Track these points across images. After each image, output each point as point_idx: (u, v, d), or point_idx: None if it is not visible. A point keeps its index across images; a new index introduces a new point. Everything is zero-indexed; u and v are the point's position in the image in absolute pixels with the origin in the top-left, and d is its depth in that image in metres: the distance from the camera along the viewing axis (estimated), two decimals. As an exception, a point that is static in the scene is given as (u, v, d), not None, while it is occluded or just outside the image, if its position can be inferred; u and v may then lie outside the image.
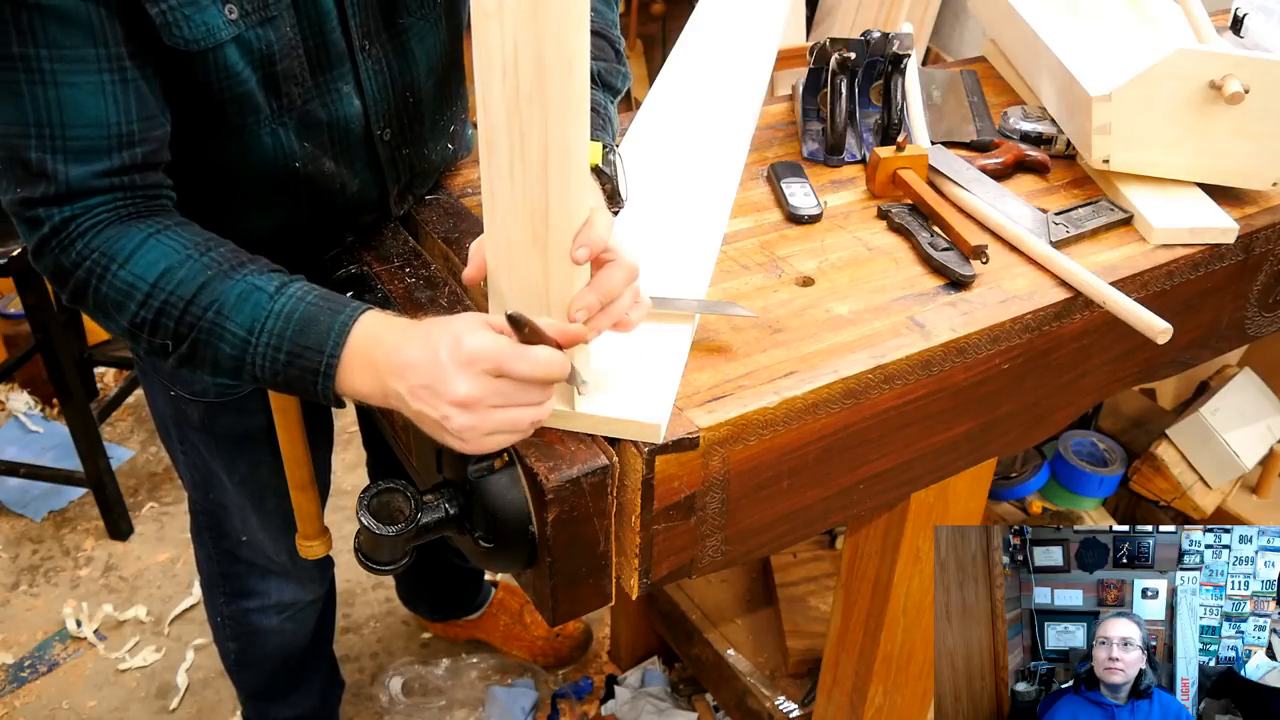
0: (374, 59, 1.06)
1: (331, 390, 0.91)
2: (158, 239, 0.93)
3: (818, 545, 1.91)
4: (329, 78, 1.04)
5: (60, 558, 2.36)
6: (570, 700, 2.04)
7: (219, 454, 1.37)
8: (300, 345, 0.90)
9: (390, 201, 1.18)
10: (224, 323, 0.91)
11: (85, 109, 0.89)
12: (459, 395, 0.81)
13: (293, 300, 0.91)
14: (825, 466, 1.03)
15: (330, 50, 1.03)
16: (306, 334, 0.90)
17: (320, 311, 0.90)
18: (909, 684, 1.41)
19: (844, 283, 1.11)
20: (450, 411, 0.82)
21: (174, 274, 0.91)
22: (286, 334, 0.90)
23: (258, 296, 0.91)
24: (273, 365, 0.91)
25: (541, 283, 0.85)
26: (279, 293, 0.91)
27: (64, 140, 0.89)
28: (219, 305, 0.91)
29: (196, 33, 0.92)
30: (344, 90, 1.06)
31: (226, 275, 0.92)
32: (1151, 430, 1.92)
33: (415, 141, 1.16)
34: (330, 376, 0.90)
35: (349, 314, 0.90)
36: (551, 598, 0.93)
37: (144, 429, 2.71)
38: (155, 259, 0.91)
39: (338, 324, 0.89)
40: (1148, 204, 1.22)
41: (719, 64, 1.41)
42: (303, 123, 1.04)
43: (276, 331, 0.90)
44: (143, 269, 0.91)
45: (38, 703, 2.04)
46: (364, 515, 0.88)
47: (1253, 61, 1.16)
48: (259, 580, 1.56)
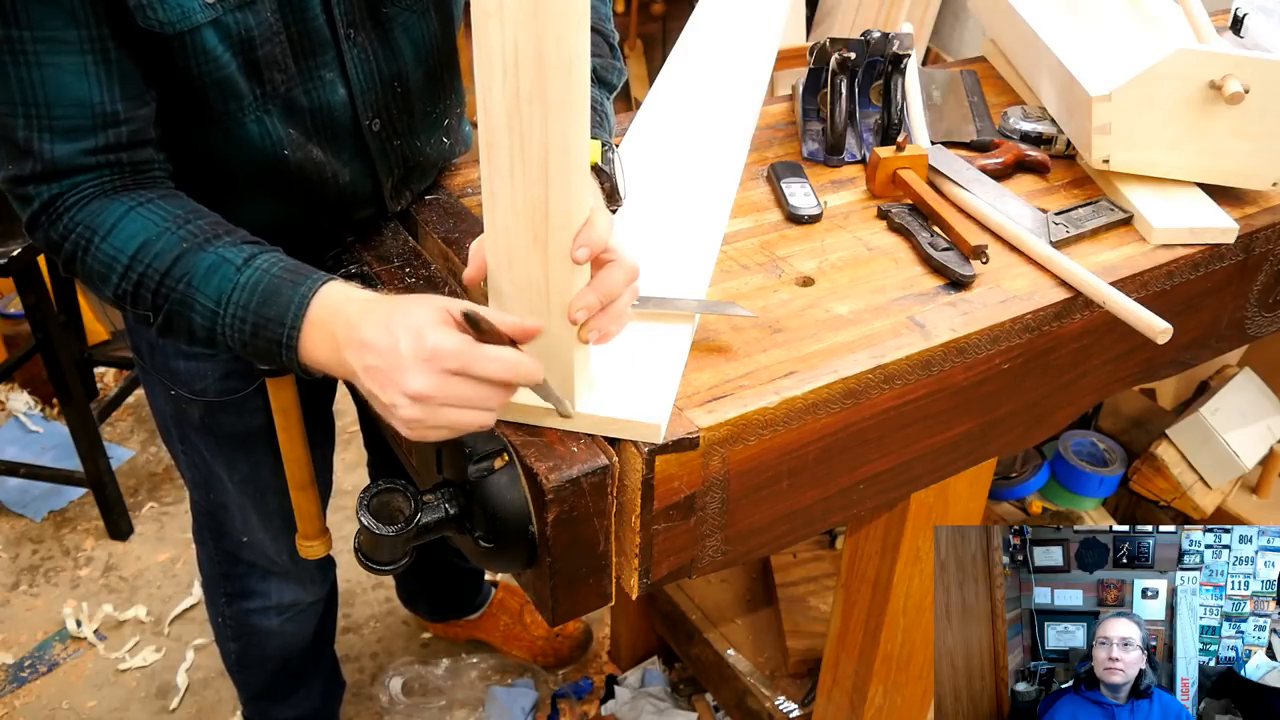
0: (359, 47, 1.06)
1: (296, 361, 0.92)
2: (139, 212, 0.95)
3: (818, 545, 1.91)
4: (312, 64, 1.04)
5: (60, 558, 2.36)
6: (570, 700, 2.04)
7: (219, 453, 1.37)
8: (263, 317, 0.91)
9: (385, 195, 1.18)
10: (195, 295, 0.93)
11: (68, 89, 0.91)
12: (412, 389, 0.81)
13: (258, 273, 0.93)
14: (825, 466, 1.03)
15: (313, 37, 1.03)
16: (269, 306, 0.91)
17: (283, 284, 0.92)
18: (909, 684, 1.41)
19: (844, 283, 1.11)
20: (401, 401, 0.82)
21: (152, 246, 0.94)
22: (251, 306, 0.92)
23: (225, 269, 0.93)
24: (240, 336, 0.93)
25: (542, 282, 0.85)
26: (246, 265, 0.93)
27: (49, 120, 0.91)
28: (190, 277, 0.93)
29: (171, 15, 0.93)
30: (328, 78, 1.05)
31: (200, 248, 0.94)
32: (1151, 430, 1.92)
33: (406, 133, 1.16)
34: (292, 348, 0.91)
35: (309, 286, 0.91)
36: (551, 598, 0.93)
37: (144, 429, 2.71)
38: (135, 232, 0.94)
39: (298, 296, 0.91)
40: (1148, 204, 1.22)
41: (719, 64, 1.41)
42: (287, 110, 1.05)
43: (242, 304, 0.92)
44: (123, 241, 0.94)
45: (38, 703, 2.04)
46: (364, 515, 0.88)
47: (1253, 61, 1.16)
48: (259, 581, 1.56)
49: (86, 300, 2.73)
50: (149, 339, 1.29)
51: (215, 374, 1.28)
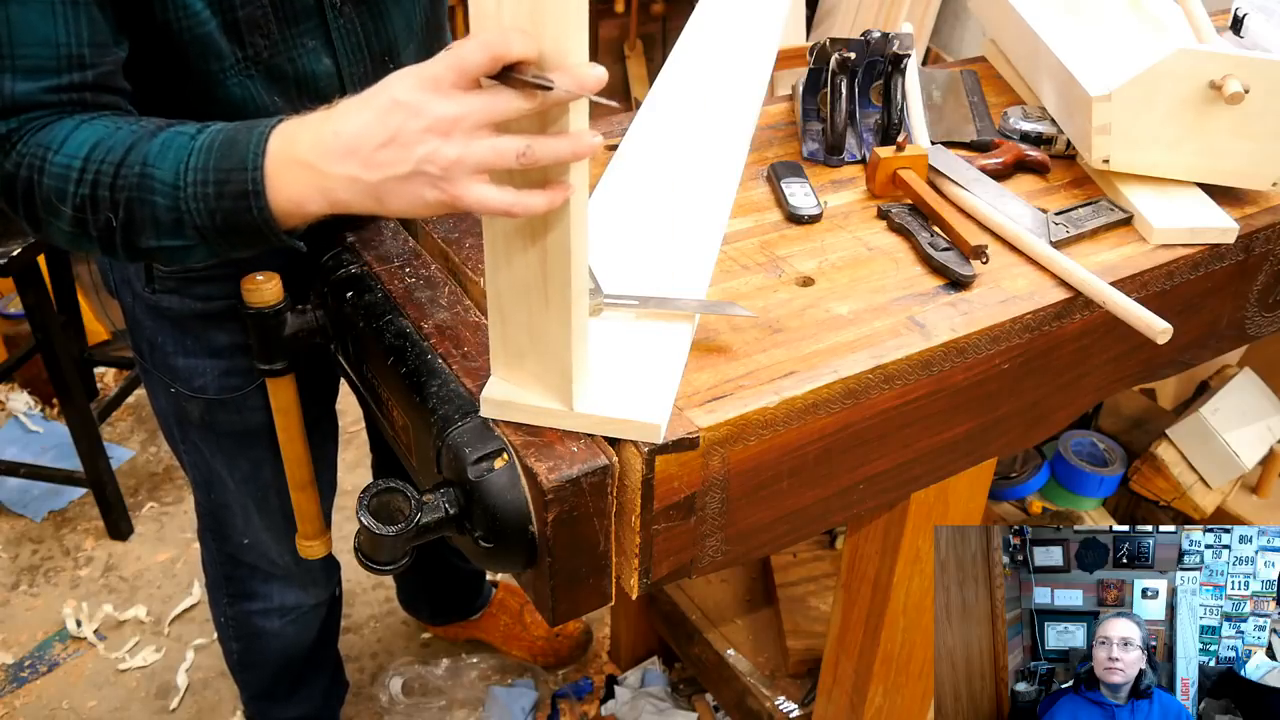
0: (345, 18, 1.06)
1: (268, 210, 0.86)
2: (90, 123, 0.92)
3: (818, 545, 1.91)
4: (295, 31, 1.03)
5: (60, 558, 2.36)
6: (570, 700, 2.04)
7: (220, 452, 1.37)
8: (224, 170, 0.86)
9: None
10: (152, 174, 0.88)
11: (35, 28, 0.89)
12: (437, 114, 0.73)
13: (213, 133, 0.88)
14: (825, 466, 1.03)
15: (296, 4, 1.02)
16: (228, 157, 0.86)
17: (238, 132, 0.87)
18: (909, 684, 1.41)
19: (844, 283, 1.12)
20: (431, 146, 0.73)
21: (103, 144, 0.90)
22: (210, 165, 0.87)
23: (179, 139, 0.89)
24: (206, 205, 0.88)
25: (541, 281, 0.85)
26: (200, 132, 0.89)
27: (12, 59, 0.89)
28: (144, 159, 0.89)
29: None
30: (311, 45, 1.04)
31: (152, 135, 0.90)
32: (1151, 430, 1.93)
33: None
34: (260, 193, 0.85)
35: (265, 125, 0.86)
36: (551, 598, 0.93)
37: (144, 429, 2.71)
38: (86, 138, 0.90)
39: (255, 136, 0.86)
40: (1148, 204, 1.22)
41: (719, 64, 1.41)
42: (270, 76, 1.04)
43: (200, 166, 0.87)
44: (75, 148, 0.90)
45: (38, 703, 2.04)
46: (364, 515, 0.88)
47: (1253, 61, 1.16)
48: (261, 584, 1.56)
49: (87, 300, 2.74)
50: (149, 338, 1.29)
51: (214, 371, 1.28)
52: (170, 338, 1.28)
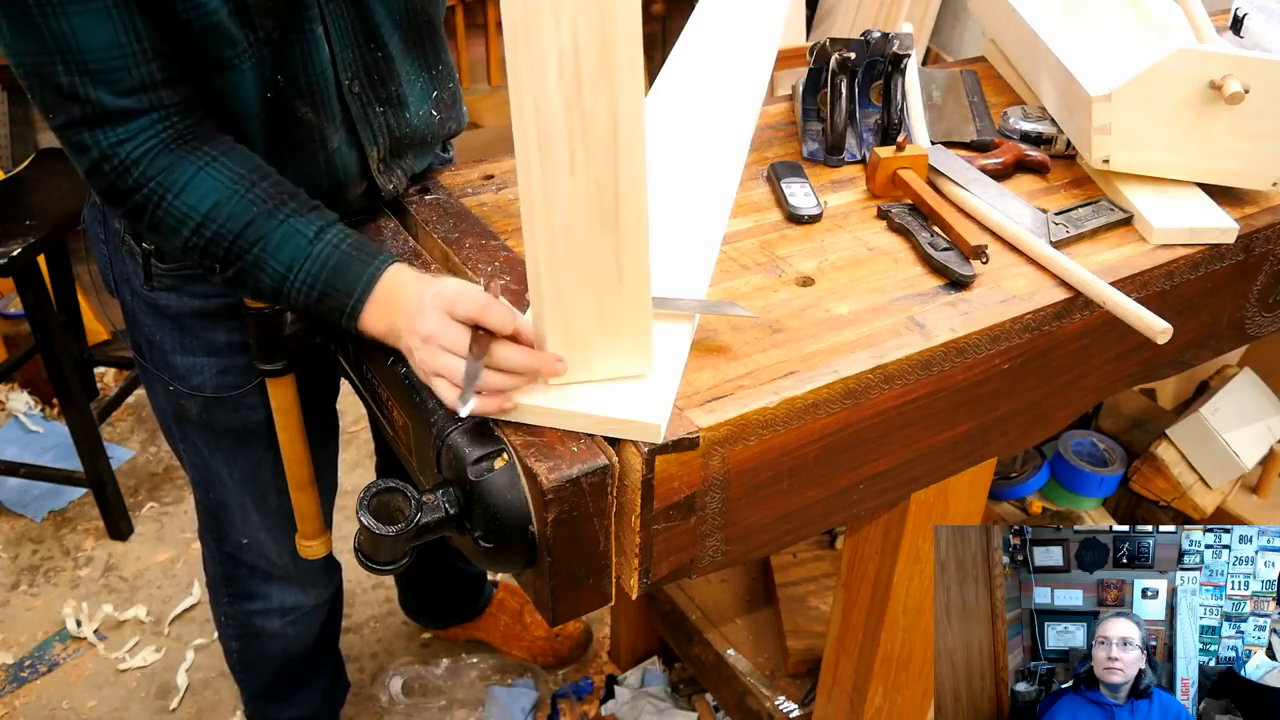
0: (335, 3, 1.08)
1: (354, 328, 1.04)
2: (208, 171, 1.02)
3: (818, 545, 1.91)
4: (300, 17, 1.06)
5: (60, 558, 2.36)
6: (570, 700, 2.04)
7: (219, 450, 1.37)
8: (332, 288, 1.03)
9: (373, 168, 1.19)
10: (266, 259, 1.03)
11: (96, 34, 0.95)
12: (423, 331, 0.94)
13: (329, 248, 1.04)
14: (825, 466, 1.03)
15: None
16: (338, 279, 1.03)
17: (353, 261, 1.03)
18: (909, 684, 1.41)
19: (844, 283, 1.12)
20: (414, 344, 0.96)
21: (223, 208, 1.02)
22: (321, 276, 1.03)
23: (297, 240, 1.03)
24: (306, 299, 1.04)
25: (613, 261, 0.88)
26: (317, 238, 1.04)
27: (85, 64, 0.96)
28: (263, 243, 1.03)
29: None
30: (316, 31, 1.08)
31: (270, 215, 1.03)
32: (1151, 430, 1.93)
33: (390, 101, 1.17)
34: (354, 317, 1.03)
35: (377, 266, 1.03)
36: (551, 598, 0.93)
37: (144, 429, 2.71)
38: (206, 192, 1.02)
39: (366, 274, 1.02)
40: (1148, 204, 1.22)
41: (719, 64, 1.41)
42: (279, 58, 1.07)
43: (313, 273, 1.03)
44: (195, 200, 1.02)
45: (38, 703, 2.04)
46: (364, 515, 0.88)
47: (1253, 61, 1.16)
48: (261, 584, 1.56)
49: (86, 300, 2.74)
50: (148, 336, 1.29)
51: (212, 369, 1.28)
52: (169, 336, 1.28)
